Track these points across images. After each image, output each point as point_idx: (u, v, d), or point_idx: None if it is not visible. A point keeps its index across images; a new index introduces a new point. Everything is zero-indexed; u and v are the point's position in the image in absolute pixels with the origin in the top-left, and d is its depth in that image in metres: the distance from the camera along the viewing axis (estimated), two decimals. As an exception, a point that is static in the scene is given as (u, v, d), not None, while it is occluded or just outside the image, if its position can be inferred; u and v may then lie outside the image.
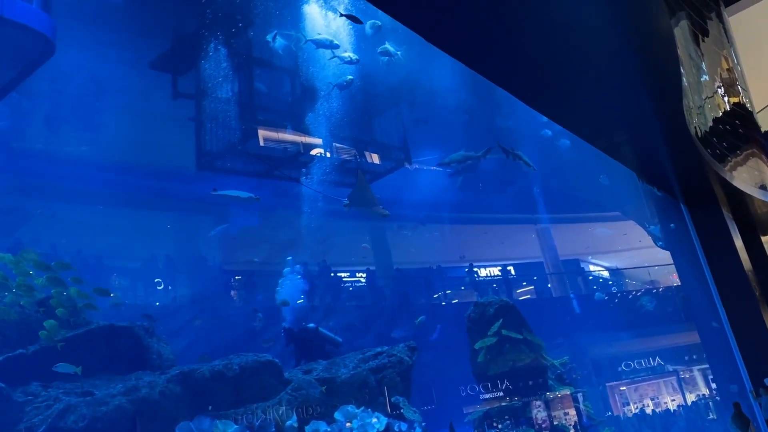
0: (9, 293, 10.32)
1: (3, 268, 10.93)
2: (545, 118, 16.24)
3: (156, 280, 21.19)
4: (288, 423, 10.29)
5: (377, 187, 22.18)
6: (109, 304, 14.32)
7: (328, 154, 21.32)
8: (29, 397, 8.52)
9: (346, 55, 17.55)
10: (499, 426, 17.10)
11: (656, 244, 24.97)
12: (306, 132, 19.59)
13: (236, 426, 9.68)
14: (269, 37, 17.24)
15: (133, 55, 17.13)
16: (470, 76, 19.82)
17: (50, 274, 10.40)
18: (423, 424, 12.65)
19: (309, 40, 17.30)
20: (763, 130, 23.26)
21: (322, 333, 16.36)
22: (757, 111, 23.02)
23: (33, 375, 8.86)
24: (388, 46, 17.87)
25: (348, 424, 11.42)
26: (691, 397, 26.60)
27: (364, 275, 27.07)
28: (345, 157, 21.13)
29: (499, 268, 31.39)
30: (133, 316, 14.22)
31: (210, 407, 10.13)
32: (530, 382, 17.77)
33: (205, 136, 18.34)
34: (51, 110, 17.91)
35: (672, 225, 21.62)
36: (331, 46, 17.22)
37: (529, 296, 29.85)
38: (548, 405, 17.49)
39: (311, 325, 16.53)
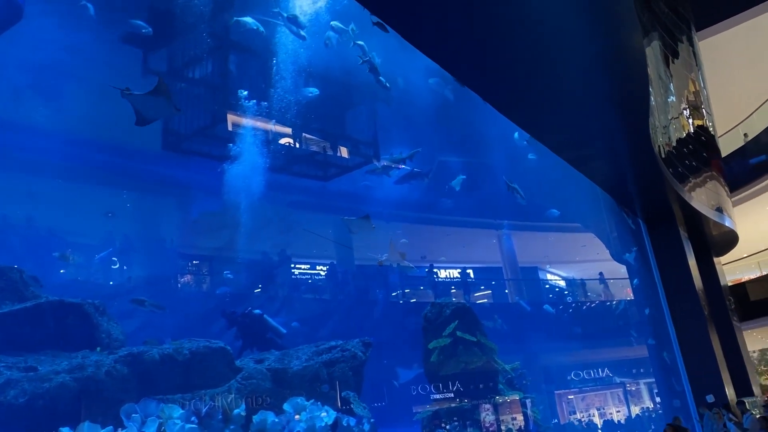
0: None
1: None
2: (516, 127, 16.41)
3: (112, 259, 20.75)
4: (236, 411, 10.19)
5: (345, 182, 22.17)
6: (65, 279, 14.02)
7: (298, 144, 21.19)
8: (-31, 370, 8.24)
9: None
10: (447, 427, 17.22)
11: (613, 258, 25.47)
12: (277, 120, 19.39)
13: (182, 411, 9.53)
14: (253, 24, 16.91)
15: (105, 27, 16.68)
16: (446, 78, 20.05)
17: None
18: (372, 420, 12.67)
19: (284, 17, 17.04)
20: (723, 154, 23.95)
21: (266, 321, 16.17)
22: (719, 135, 23.67)
23: (-25, 347, 8.56)
24: (337, 23, 17.56)
25: (297, 417, 11.37)
26: (635, 410, 27.21)
27: (325, 269, 26.96)
28: (314, 148, 21.01)
29: (459, 270, 31.66)
30: (87, 294, 13.93)
31: (157, 391, 9.95)
32: (481, 385, 17.96)
33: (172, 116, 17.98)
34: (12, 77, 17.33)
35: (630, 240, 22.07)
36: (298, 35, 17.04)
37: (486, 300, 30.14)
38: (497, 409, 17.69)
39: (257, 311, 16.33)
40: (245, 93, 18.28)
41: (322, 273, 27.40)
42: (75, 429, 8.33)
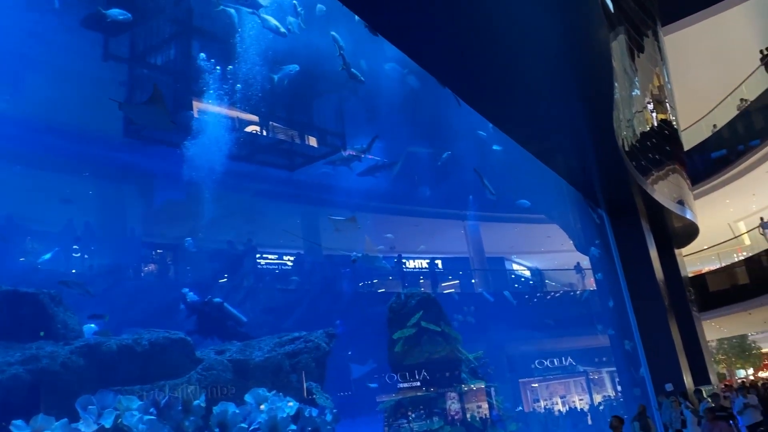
0: None
1: None
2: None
3: (73, 247, 20.29)
4: (196, 402, 10.07)
5: (311, 172, 22.02)
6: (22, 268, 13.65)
7: (264, 133, 20.94)
8: None
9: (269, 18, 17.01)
10: (412, 416, 17.32)
11: (577, 249, 25.81)
12: (242, 108, 19.13)
13: (141, 402, 9.39)
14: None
15: (66, 11, 16.23)
16: (412, 68, 20.00)
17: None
18: (334, 410, 12.66)
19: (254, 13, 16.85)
20: (686, 148, 24.38)
21: (226, 309, 16.04)
22: (682, 129, 24.08)
23: None
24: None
25: (261, 407, 11.30)
26: (597, 398, 27.74)
27: (292, 258, 26.81)
28: (281, 137, 20.79)
29: (428, 261, 31.78)
30: (46, 283, 13.60)
31: (115, 382, 9.78)
32: (446, 374, 18.08)
33: (135, 103, 17.62)
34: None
35: (594, 232, 22.37)
36: (278, 32, 16.83)
37: (453, 290, 30.34)
38: (462, 397, 17.84)
39: (217, 299, 16.18)
40: (209, 80, 17.98)
41: (289, 263, 27.25)
42: (29, 422, 8.11)
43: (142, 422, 9.06)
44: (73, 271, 19.47)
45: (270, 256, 27.41)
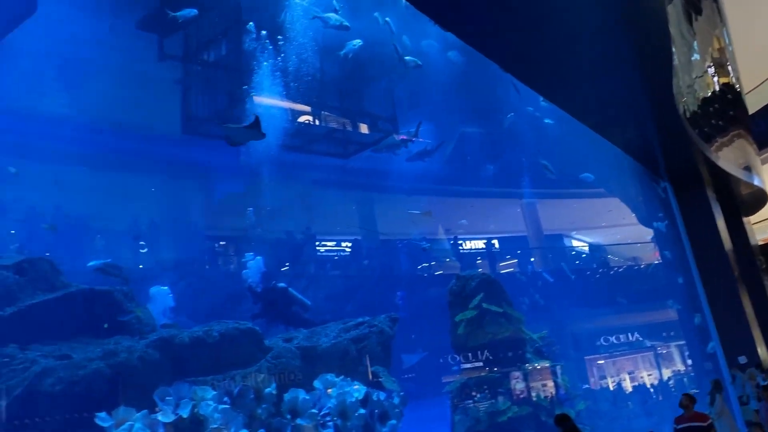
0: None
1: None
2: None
3: (140, 243, 21.04)
4: (267, 390, 10.35)
5: (365, 158, 22.11)
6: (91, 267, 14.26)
7: (316, 122, 21.12)
8: (5, 359, 8.44)
9: (331, 16, 17.11)
10: (478, 396, 17.32)
11: (640, 222, 25.16)
12: (295, 99, 19.33)
13: (214, 392, 9.71)
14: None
15: (121, 14, 16.70)
16: (462, 48, 19.75)
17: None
18: (402, 393, 12.78)
19: (317, 17, 17.03)
20: (750, 112, 23.36)
21: (291, 294, 16.28)
22: (746, 91, 23.08)
23: (10, 337, 8.76)
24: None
25: (328, 391, 11.51)
26: (666, 373, 27.11)
27: (350, 245, 27.10)
28: (334, 125, 20.92)
29: (484, 241, 31.56)
30: (116, 280, 14.16)
31: (189, 373, 10.12)
32: (509, 354, 17.97)
33: (191, 100, 18.05)
34: (32, 68, 17.48)
35: (657, 203, 21.76)
36: (341, 27, 16.90)
37: (511, 270, 30.05)
38: (527, 377, 17.72)
39: (281, 284, 16.44)
40: (262, 72, 18.21)
41: (347, 249, 27.55)
42: (111, 413, 8.50)
43: (217, 411, 9.36)
44: (141, 266, 20.19)
45: (328, 244, 27.79)
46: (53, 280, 10.15)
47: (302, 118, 21.06)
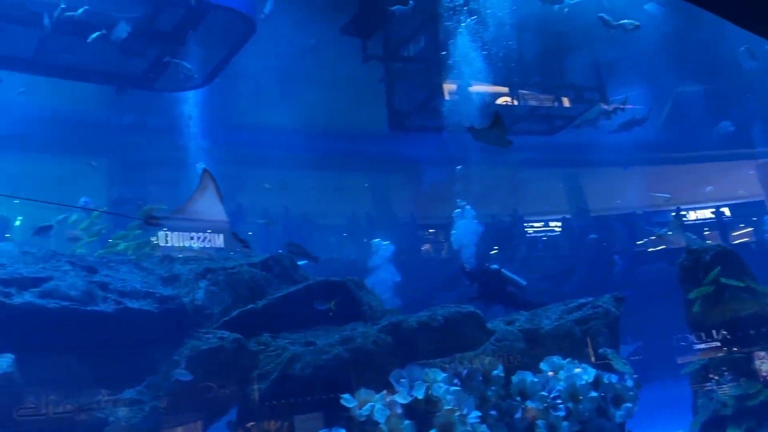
0: (236, 255, 11.49)
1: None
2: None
3: (361, 237, 22.42)
4: (494, 372, 10.42)
5: (570, 133, 21.28)
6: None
7: (515, 102, 20.78)
8: (261, 347, 9.42)
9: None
10: (717, 378, 15.85)
11: None
12: (494, 81, 19.19)
13: (444, 374, 9.99)
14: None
15: (326, 24, 17.83)
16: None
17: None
18: (635, 375, 12.12)
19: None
20: None
21: (505, 274, 16.17)
22: None
23: (263, 327, 9.78)
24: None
25: (550, 374, 11.29)
26: None
27: (560, 224, 26.36)
28: (536, 103, 20.40)
29: (712, 209, 28.74)
30: (341, 272, 15.23)
31: (417, 357, 10.54)
32: (752, 332, 16.15)
33: (395, 96, 18.74)
34: (255, 85, 19.40)
35: None
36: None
37: (747, 239, 27.03)
38: (774, 357, 15.84)
39: (494, 266, 16.40)
40: (459, 59, 18.33)
41: (557, 229, 26.85)
42: (353, 395, 9.09)
43: (449, 393, 9.61)
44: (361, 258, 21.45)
45: (537, 224, 27.31)
46: (293, 274, 11.15)
47: (501, 100, 20.84)
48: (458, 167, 19.23)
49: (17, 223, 20.27)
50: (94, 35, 12.96)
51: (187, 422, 8.86)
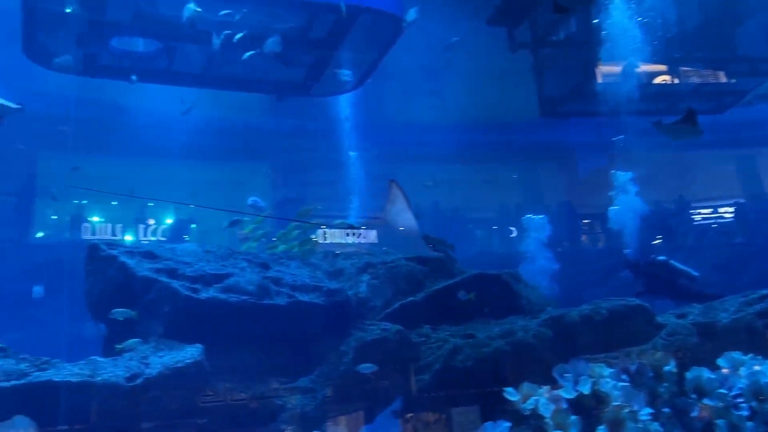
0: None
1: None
2: None
3: (510, 228, 22.16)
4: (666, 368, 9.87)
5: (746, 111, 19.50)
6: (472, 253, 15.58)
7: (676, 80, 19.44)
8: (422, 338, 9.65)
9: None
10: None
11: None
12: (653, 59, 18.07)
13: (611, 370, 9.63)
14: None
15: (472, 17, 17.76)
16: None
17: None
18: (828, 375, 10.90)
19: None
20: None
21: (674, 266, 15.20)
22: None
23: (423, 319, 10.01)
24: None
25: (724, 371, 10.50)
26: None
27: (732, 210, 24.38)
28: (702, 79, 18.94)
29: None
30: (493, 264, 15.14)
31: (580, 351, 10.24)
32: None
33: (545, 83, 18.27)
34: (404, 84, 19.77)
35: None
36: None
37: None
38: None
39: (661, 257, 15.49)
40: (613, 39, 17.46)
41: (728, 215, 24.85)
42: (515, 389, 9.03)
43: (616, 389, 9.26)
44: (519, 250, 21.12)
45: (705, 211, 25.43)
46: (451, 268, 11.29)
47: (660, 78, 19.60)
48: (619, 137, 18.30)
49: (193, 226, 22.24)
50: (248, 54, 13.86)
51: (354, 411, 9.28)
